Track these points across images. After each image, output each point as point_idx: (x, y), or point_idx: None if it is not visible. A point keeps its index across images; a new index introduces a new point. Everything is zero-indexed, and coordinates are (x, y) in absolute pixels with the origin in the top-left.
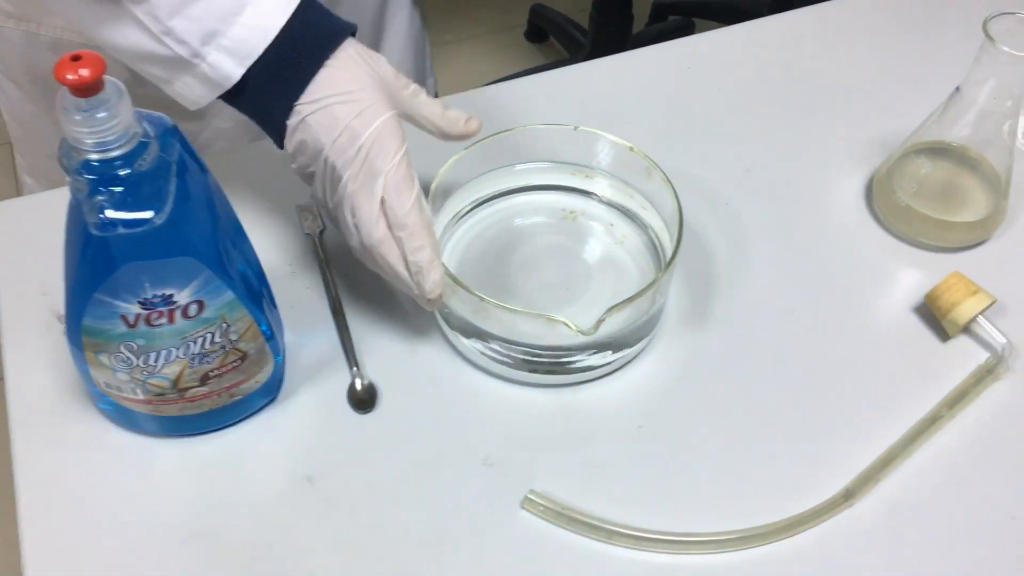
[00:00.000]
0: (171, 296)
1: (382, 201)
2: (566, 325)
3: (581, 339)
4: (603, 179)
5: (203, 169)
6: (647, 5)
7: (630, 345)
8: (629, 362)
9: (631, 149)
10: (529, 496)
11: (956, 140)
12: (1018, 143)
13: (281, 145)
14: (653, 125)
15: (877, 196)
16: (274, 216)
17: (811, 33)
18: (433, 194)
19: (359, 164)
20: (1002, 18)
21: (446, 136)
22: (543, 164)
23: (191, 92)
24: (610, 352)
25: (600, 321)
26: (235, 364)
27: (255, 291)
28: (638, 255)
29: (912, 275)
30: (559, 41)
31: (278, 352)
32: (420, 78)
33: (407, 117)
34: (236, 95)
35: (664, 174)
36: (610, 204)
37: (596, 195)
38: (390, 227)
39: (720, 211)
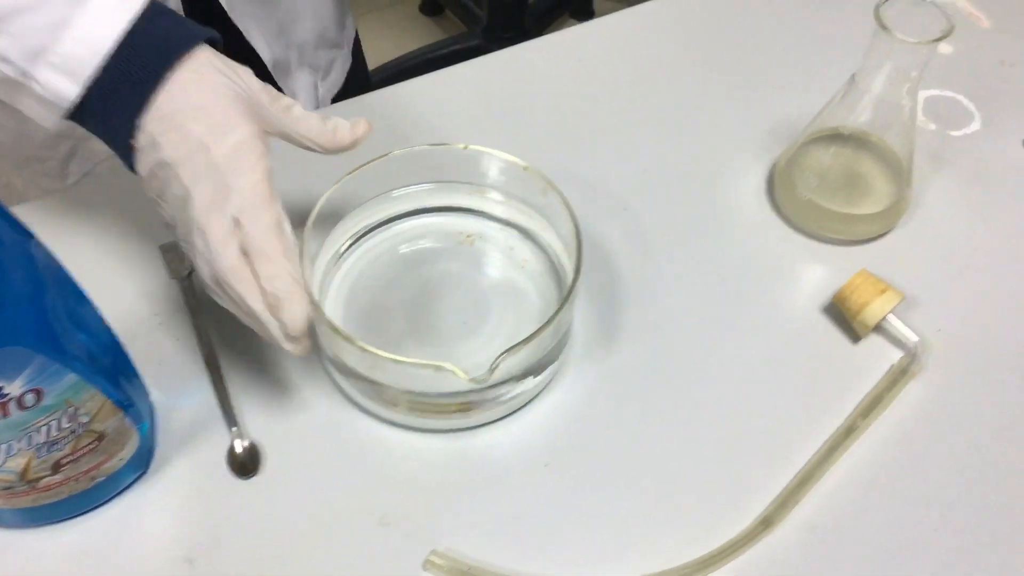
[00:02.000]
0: (0, 388)
1: (236, 223)
2: (455, 373)
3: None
4: (499, 199)
5: (25, 234)
6: None
7: (532, 380)
8: (534, 397)
9: (525, 168)
10: (431, 558)
11: (855, 127)
12: (919, 121)
13: (133, 169)
14: (548, 126)
15: (778, 190)
16: (138, 258)
17: (706, 17)
18: (310, 228)
19: (209, 183)
20: (895, 2)
21: (331, 149)
22: (432, 185)
23: (34, 113)
24: (511, 391)
25: (494, 367)
26: (91, 446)
27: (103, 364)
28: (540, 279)
29: (819, 272)
30: (455, 14)
31: (142, 420)
32: (339, 36)
33: (281, 135)
34: (82, 115)
35: (561, 194)
36: (508, 225)
37: (493, 216)
38: (245, 254)
39: (620, 217)
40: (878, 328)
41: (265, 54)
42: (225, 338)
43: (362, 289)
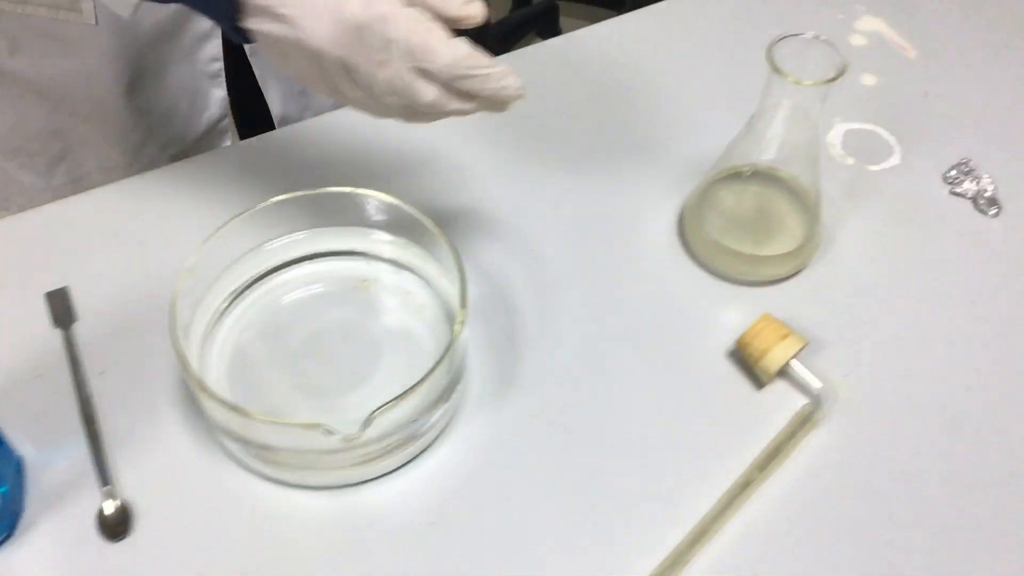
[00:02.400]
0: None
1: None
2: (326, 432)
3: (350, 442)
4: (394, 242)
5: None
6: None
7: (416, 437)
8: (424, 449)
9: (416, 214)
10: None
11: (761, 165)
12: (835, 153)
13: (246, 40)
14: (452, 166)
15: (687, 230)
16: (20, 305)
17: (620, 48)
18: (184, 286)
19: (369, 47)
20: (786, 41)
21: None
22: (327, 229)
23: None
24: (394, 446)
25: (368, 422)
26: None
27: None
28: (436, 326)
29: (727, 315)
30: None
31: (2, 483)
32: None
33: None
34: None
35: (446, 237)
36: (404, 269)
37: (388, 260)
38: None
39: (526, 257)
40: (783, 374)
41: (276, 110)
42: (106, 392)
43: (247, 345)
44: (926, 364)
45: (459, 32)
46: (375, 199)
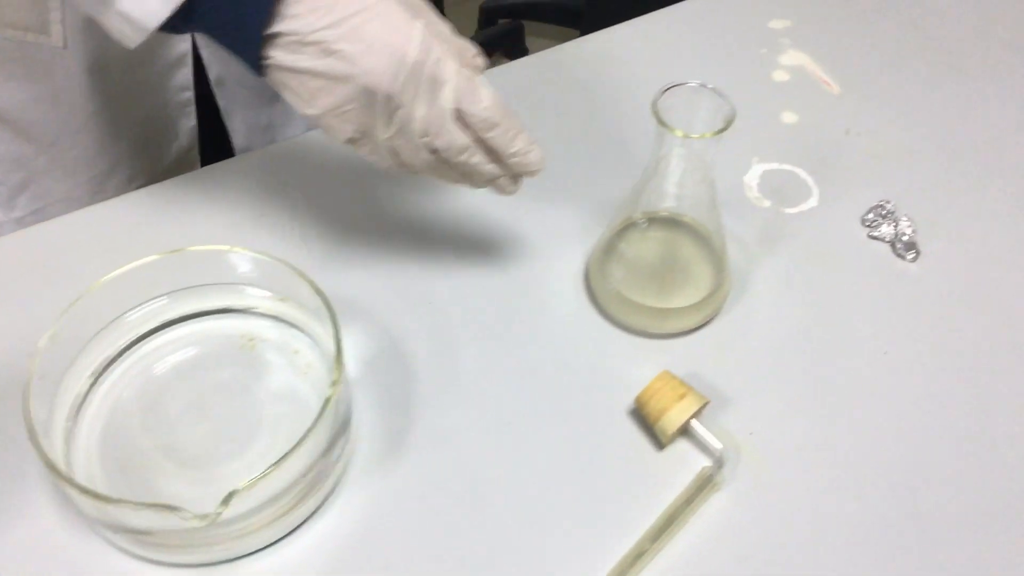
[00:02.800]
0: None
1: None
2: (180, 515)
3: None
4: (280, 300)
5: None
6: (475, 11)
7: (294, 508)
8: (307, 519)
9: (300, 275)
10: None
11: (662, 212)
12: (752, 195)
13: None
14: (347, 212)
15: (593, 282)
16: None
17: (529, 87)
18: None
19: (419, 85)
20: (674, 91)
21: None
22: (211, 286)
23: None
24: (269, 521)
25: (226, 501)
26: None
27: None
28: (322, 388)
29: (632, 371)
30: None
31: None
32: None
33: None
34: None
35: (325, 299)
36: (291, 326)
37: (275, 317)
38: (466, 127)
39: (423, 309)
40: (685, 433)
41: (239, 142)
42: None
43: (120, 418)
44: (836, 419)
45: None
46: (245, 255)
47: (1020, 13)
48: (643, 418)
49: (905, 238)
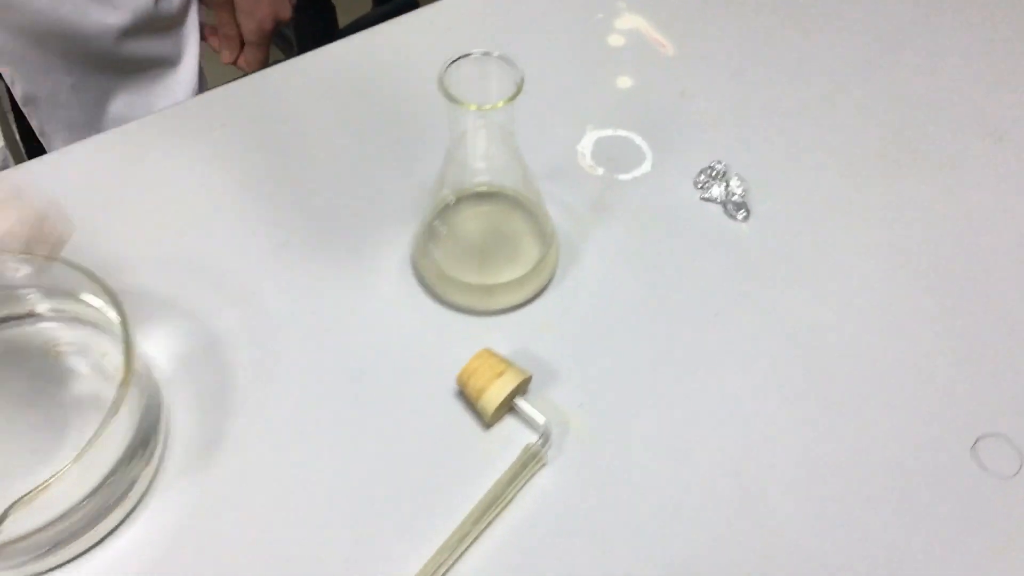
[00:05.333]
0: None
1: None
2: None
3: None
4: (78, 302)
5: None
6: None
7: (98, 519)
8: (114, 529)
9: (86, 274)
10: None
11: (480, 186)
12: (584, 164)
13: None
14: (164, 202)
15: (418, 265)
16: None
17: (362, 71)
18: None
19: None
20: (462, 62)
21: None
22: (3, 290)
23: None
24: (69, 535)
25: (4, 517)
26: None
27: None
28: (132, 391)
29: (459, 350)
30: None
31: None
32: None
33: None
34: None
35: (110, 293)
36: (98, 329)
37: (82, 321)
38: None
39: (243, 306)
40: (512, 411)
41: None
42: None
43: None
44: (664, 385)
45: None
46: (31, 259)
47: None
48: (466, 398)
49: (735, 198)
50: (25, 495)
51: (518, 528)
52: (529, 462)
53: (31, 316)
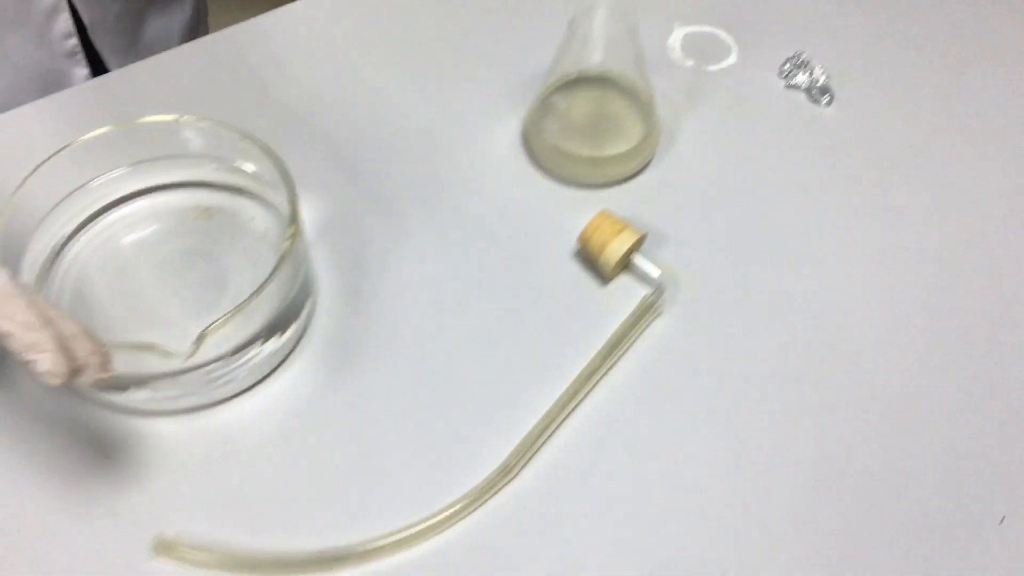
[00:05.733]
0: None
1: None
2: (158, 351)
3: (186, 362)
4: (232, 171)
5: None
6: None
7: (260, 349)
8: (274, 369)
9: (243, 137)
10: (158, 542)
11: (592, 69)
12: (675, 56)
13: None
14: (289, 99)
15: (530, 139)
16: None
17: None
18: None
19: None
20: None
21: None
22: (158, 161)
23: None
24: (236, 363)
25: (201, 338)
26: None
27: None
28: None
29: (573, 218)
30: None
31: None
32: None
33: None
34: None
35: (279, 163)
36: (244, 194)
37: (232, 188)
38: None
39: (366, 181)
40: (626, 268)
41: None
42: None
43: (85, 291)
44: (761, 251)
45: None
46: (197, 126)
47: None
48: (586, 256)
49: (820, 84)
50: (217, 320)
51: (638, 371)
52: (648, 309)
53: (187, 184)
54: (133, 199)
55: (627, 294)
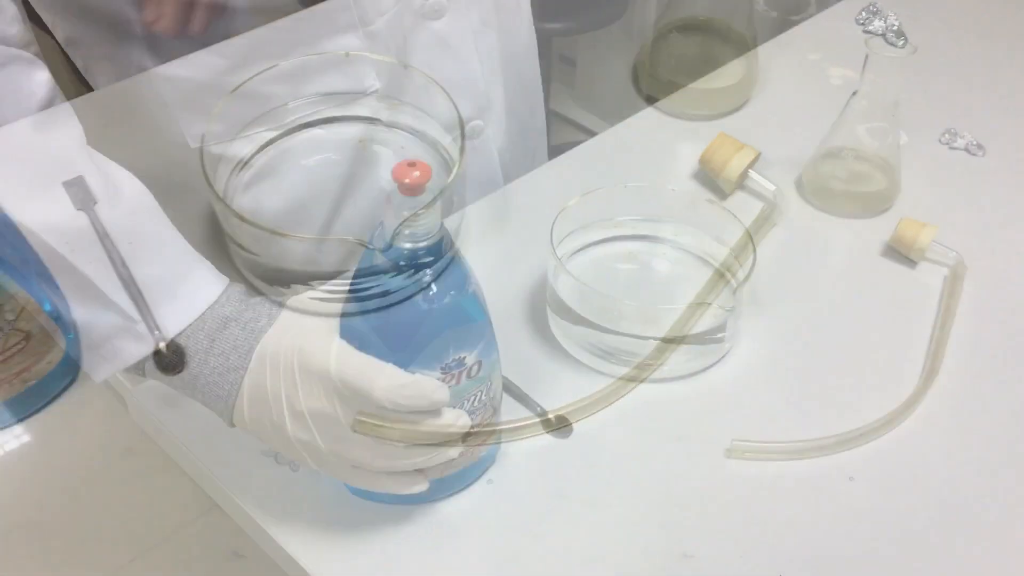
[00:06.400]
0: None
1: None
2: (360, 242)
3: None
4: (383, 102)
5: None
6: None
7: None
8: None
9: (405, 66)
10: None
11: (703, 13)
12: (760, 8)
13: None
14: None
15: (642, 77)
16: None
17: None
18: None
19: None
20: None
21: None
22: (313, 98)
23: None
24: None
25: (397, 234)
26: (19, 346)
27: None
28: (436, 172)
29: (686, 146)
30: None
31: (68, 331)
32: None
33: None
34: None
35: (439, 85)
36: (394, 127)
37: (380, 120)
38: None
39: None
40: (742, 186)
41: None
42: None
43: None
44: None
45: None
46: (375, 60)
47: None
48: (708, 172)
49: (895, 28)
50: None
51: (764, 268)
52: (767, 218)
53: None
54: (301, 131)
55: (744, 207)
